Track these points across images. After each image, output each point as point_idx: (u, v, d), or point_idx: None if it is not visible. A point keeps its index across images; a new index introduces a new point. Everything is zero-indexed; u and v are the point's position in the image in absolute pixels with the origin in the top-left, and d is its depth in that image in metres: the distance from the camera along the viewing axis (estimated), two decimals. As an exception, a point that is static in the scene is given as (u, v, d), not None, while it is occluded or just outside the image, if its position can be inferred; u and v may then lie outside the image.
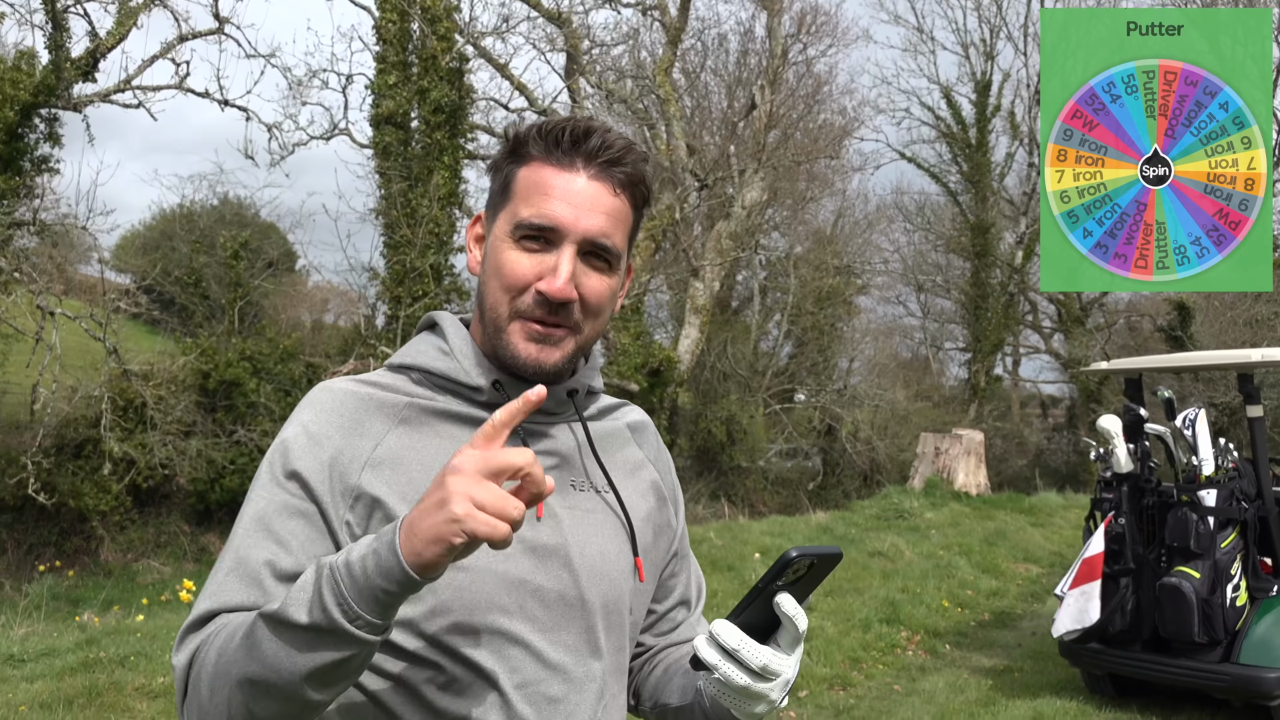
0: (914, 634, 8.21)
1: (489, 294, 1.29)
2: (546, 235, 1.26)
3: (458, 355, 1.32)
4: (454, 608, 1.19)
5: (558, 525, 1.28)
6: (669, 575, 1.49)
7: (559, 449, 1.33)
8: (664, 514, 1.46)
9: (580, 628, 1.27)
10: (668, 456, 1.53)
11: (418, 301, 15.94)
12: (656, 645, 1.49)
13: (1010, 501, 13.73)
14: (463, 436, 1.27)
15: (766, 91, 20.60)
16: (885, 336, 27.57)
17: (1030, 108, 29.23)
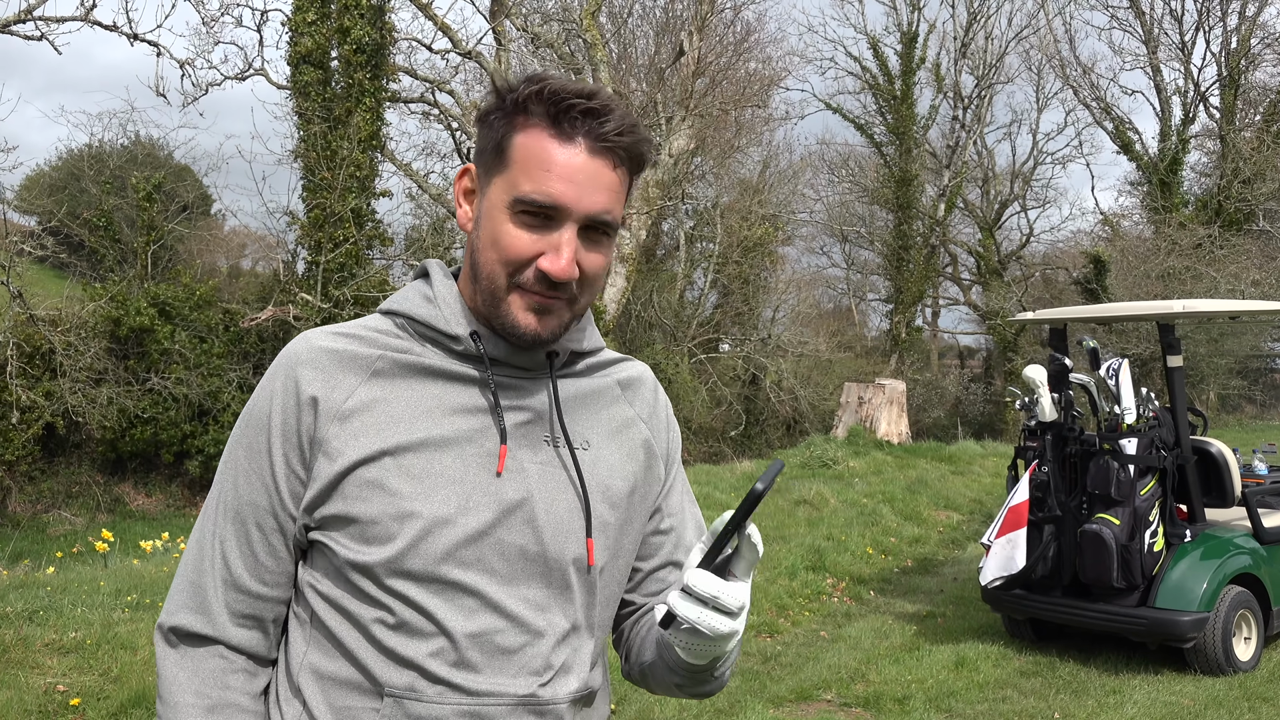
0: (839, 581, 8.30)
1: (485, 262, 1.27)
2: (547, 213, 1.24)
3: (440, 303, 1.33)
4: (409, 557, 1.22)
5: (523, 480, 1.28)
6: (653, 532, 1.46)
7: (533, 405, 1.33)
8: (653, 472, 1.44)
9: (542, 582, 1.28)
10: (666, 413, 1.50)
11: (339, 247, 15.56)
12: (647, 605, 1.47)
13: (931, 450, 13.96)
14: (435, 390, 1.29)
15: (695, 38, 20.40)
16: (809, 287, 27.76)
17: (956, 61, 29.44)
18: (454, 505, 1.24)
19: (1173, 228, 23.41)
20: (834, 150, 30.92)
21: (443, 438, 1.26)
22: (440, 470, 1.25)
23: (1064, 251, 28.66)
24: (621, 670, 1.49)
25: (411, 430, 1.25)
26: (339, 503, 1.23)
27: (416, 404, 1.27)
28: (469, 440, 1.27)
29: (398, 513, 1.22)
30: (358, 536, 1.23)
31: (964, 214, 30.44)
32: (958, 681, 6.02)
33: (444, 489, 1.24)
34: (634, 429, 1.43)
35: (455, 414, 1.28)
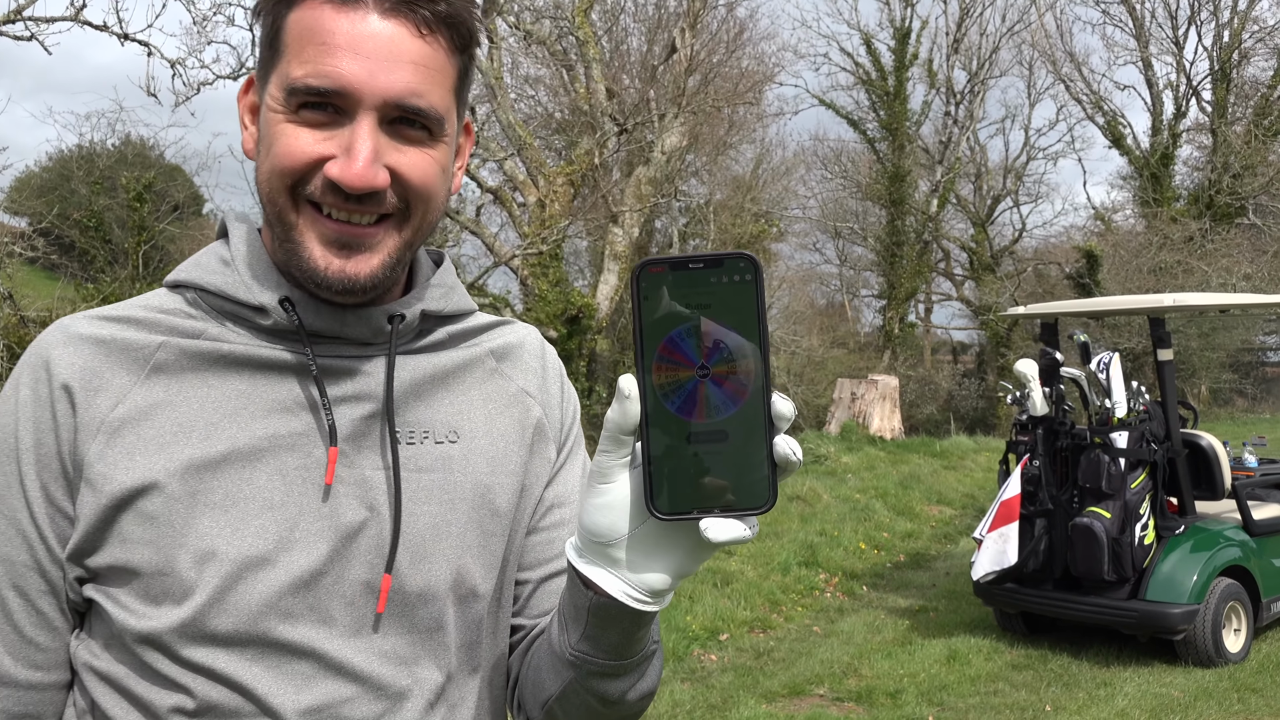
0: (832, 576, 8.32)
1: (262, 184, 0.96)
2: (334, 103, 0.93)
3: (238, 265, 0.99)
4: (213, 615, 0.90)
5: (367, 493, 0.97)
6: (540, 530, 1.11)
7: (375, 391, 0.99)
8: (542, 457, 1.11)
9: (403, 626, 0.97)
10: (560, 382, 1.17)
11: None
12: (535, 629, 1.10)
13: (923, 445, 13.99)
14: (238, 385, 0.96)
15: (687, 35, 20.38)
16: (802, 284, 27.78)
17: (948, 56, 29.47)
18: (272, 538, 0.92)
19: (1164, 222, 23.47)
20: (827, 146, 30.96)
21: (252, 448, 0.94)
22: (251, 493, 0.92)
23: (1056, 246, 28.72)
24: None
25: (209, 441, 0.93)
26: (114, 548, 0.91)
27: (214, 405, 0.94)
28: (289, 448, 0.95)
29: (194, 555, 0.90)
30: (141, 594, 0.91)
31: (957, 209, 30.47)
32: (950, 675, 6.03)
33: (257, 518, 0.92)
34: (519, 408, 1.10)
35: (269, 414, 0.95)
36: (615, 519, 0.84)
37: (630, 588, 0.86)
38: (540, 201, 19.18)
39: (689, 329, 0.79)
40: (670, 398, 0.79)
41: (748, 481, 0.79)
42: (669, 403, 0.79)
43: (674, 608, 6.89)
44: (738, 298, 0.79)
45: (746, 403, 0.79)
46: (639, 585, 0.86)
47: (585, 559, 0.87)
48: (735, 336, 0.78)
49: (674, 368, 0.79)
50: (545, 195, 19.13)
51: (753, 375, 0.79)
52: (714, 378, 0.79)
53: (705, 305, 0.78)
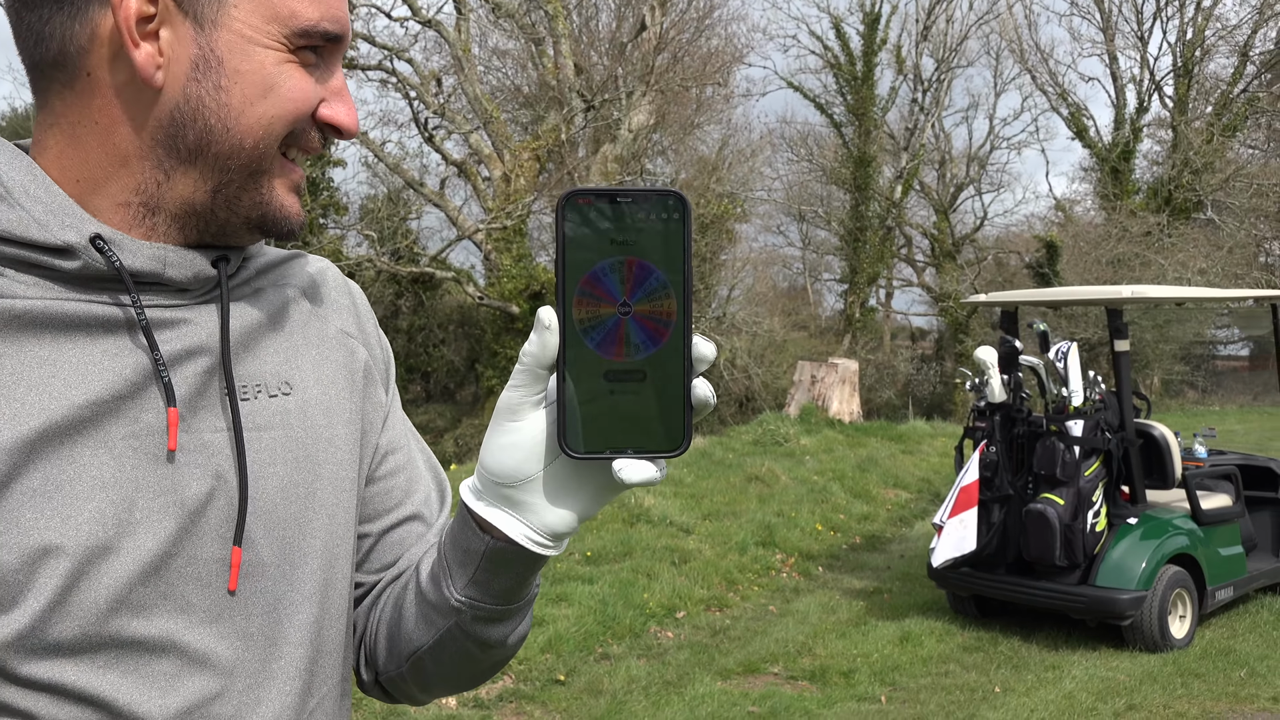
0: (788, 556, 8.39)
1: (240, 122, 0.83)
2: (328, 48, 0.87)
3: (20, 197, 0.81)
4: (55, 621, 0.77)
5: (209, 459, 0.85)
6: (379, 479, 1.03)
7: (206, 343, 0.87)
8: (373, 402, 1.02)
9: (263, 604, 0.87)
10: (371, 317, 1.07)
11: (292, 214, 15.43)
12: (378, 583, 1.03)
13: (881, 429, 14.11)
14: (36, 350, 0.79)
15: (657, 13, 20.31)
16: (765, 266, 27.88)
17: (917, 43, 29.58)
18: (111, 523, 0.79)
19: (1123, 215, 23.79)
20: (794, 129, 31.04)
21: (71, 420, 0.79)
22: (76, 473, 0.79)
23: (1017, 236, 29.03)
24: (361, 682, 1.06)
25: (16, 419, 0.77)
26: None
27: (12, 376, 0.78)
28: (113, 415, 0.81)
29: (24, 554, 0.76)
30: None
31: (920, 196, 30.69)
32: (902, 656, 6.12)
33: (89, 501, 0.79)
34: (343, 351, 1.00)
35: (83, 379, 0.80)
36: (522, 459, 0.82)
37: (533, 531, 0.84)
38: (505, 176, 19.08)
39: (614, 264, 0.76)
40: (590, 334, 0.77)
41: (663, 423, 0.78)
42: (588, 339, 0.77)
43: (631, 585, 6.92)
44: (665, 236, 0.77)
45: (667, 343, 0.77)
46: (541, 528, 0.84)
47: (485, 501, 0.85)
48: (660, 275, 0.77)
49: (595, 303, 0.77)
50: (511, 170, 19.03)
51: (675, 315, 0.77)
52: (635, 316, 0.77)
53: (632, 241, 0.76)
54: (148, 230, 0.85)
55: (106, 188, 0.84)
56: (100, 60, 0.82)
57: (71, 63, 0.82)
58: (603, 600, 6.55)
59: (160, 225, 0.86)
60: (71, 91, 0.83)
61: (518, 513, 0.84)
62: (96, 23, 0.81)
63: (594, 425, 0.77)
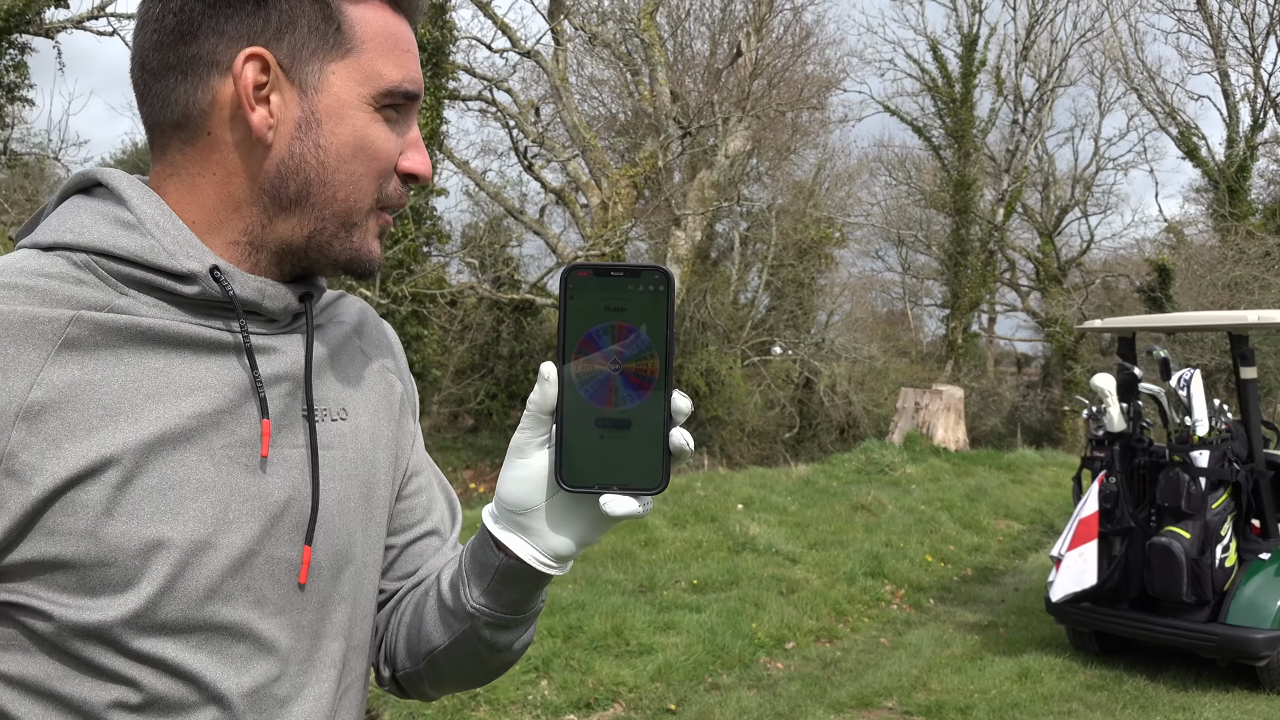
0: (898, 588, 8.23)
1: (344, 179, 0.96)
2: (408, 106, 1.00)
3: (154, 229, 0.92)
4: (164, 604, 0.87)
5: (287, 471, 0.97)
6: (404, 497, 1.16)
7: (290, 369, 0.98)
8: (405, 429, 1.15)
9: (316, 601, 0.99)
10: (402, 354, 1.20)
11: (398, 243, 15.72)
12: (399, 590, 1.16)
13: (989, 458, 13.80)
14: (156, 362, 0.90)
15: (752, 39, 20.33)
16: (864, 291, 27.58)
17: (1017, 63, 29.08)
18: (210, 521, 0.90)
19: (1240, 236, 22.94)
20: (891, 153, 30.71)
21: (181, 429, 0.89)
22: (185, 475, 0.89)
23: (1126, 259, 28.21)
24: (379, 678, 1.19)
25: (138, 424, 0.87)
26: (41, 542, 0.85)
27: (135, 385, 0.89)
28: (215, 427, 0.92)
29: (141, 544, 0.86)
30: (79, 587, 0.86)
31: (1023, 219, 30.07)
32: (1021, 693, 5.94)
33: (194, 500, 0.90)
34: (384, 384, 1.13)
35: (191, 392, 0.91)
36: (529, 491, 0.95)
37: (538, 553, 0.98)
38: (603, 203, 19.23)
39: (606, 328, 0.89)
40: (585, 386, 0.90)
41: (645, 465, 0.90)
42: (583, 390, 0.90)
43: (739, 614, 6.86)
44: (651, 305, 0.89)
45: (650, 396, 0.89)
46: (546, 551, 0.97)
47: (500, 525, 0.99)
48: (645, 338, 0.89)
49: (590, 360, 0.90)
50: (608, 197, 19.18)
51: (658, 373, 0.89)
52: (624, 372, 0.90)
53: (622, 309, 0.89)
54: (251, 265, 0.98)
55: (220, 229, 0.96)
56: (220, 121, 0.94)
57: (193, 123, 0.95)
58: (711, 629, 6.50)
59: (262, 261, 0.98)
60: (192, 148, 0.96)
61: (526, 536, 0.97)
62: (217, 90, 0.94)
63: (585, 464, 0.91)
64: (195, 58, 0.93)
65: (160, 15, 0.94)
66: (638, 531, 8.60)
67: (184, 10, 0.93)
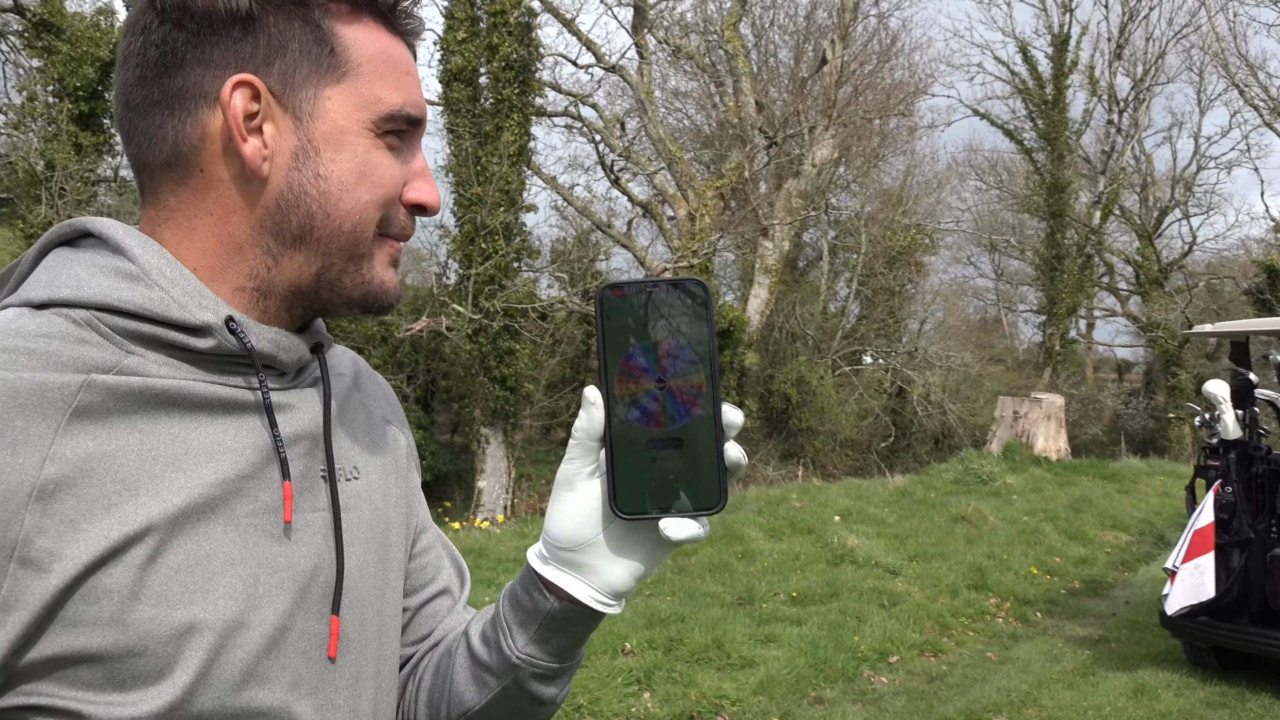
0: (1003, 601, 8.04)
1: (347, 210, 0.89)
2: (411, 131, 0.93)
3: (158, 279, 0.85)
4: (201, 693, 0.79)
5: (311, 537, 0.89)
6: (418, 554, 1.10)
7: (306, 425, 0.92)
8: (412, 486, 1.09)
9: (348, 677, 0.91)
10: (398, 404, 1.14)
11: (488, 259, 15.92)
12: (415, 654, 1.09)
13: (1093, 467, 13.43)
14: (169, 428, 0.82)
15: (837, 46, 20.18)
16: (956, 298, 27.13)
17: (1111, 62, 28.40)
18: (241, 598, 0.82)
19: (1353, 234, 22.05)
20: (981, 157, 30.21)
21: (205, 499, 0.82)
22: (211, 549, 0.81)
23: (1231, 260, 27.30)
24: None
25: (159, 496, 0.80)
26: (63, 635, 0.76)
27: (151, 454, 0.80)
28: (238, 494, 0.84)
29: (172, 628, 0.78)
30: (107, 682, 0.77)
31: (1121, 221, 29.29)
32: (1138, 710, 5.74)
33: (223, 576, 0.82)
34: (388, 437, 1.06)
35: (211, 458, 0.83)
36: (581, 525, 0.90)
37: (596, 591, 0.91)
38: (690, 215, 19.24)
39: (647, 345, 0.86)
40: (631, 408, 0.86)
41: (701, 484, 0.86)
42: (629, 412, 0.86)
43: (840, 627, 6.77)
44: (691, 318, 0.86)
45: (700, 412, 0.85)
46: (604, 588, 0.91)
47: (552, 565, 0.92)
48: (689, 352, 0.85)
49: (634, 380, 0.86)
50: (695, 209, 19.18)
51: (704, 387, 0.85)
52: (670, 390, 0.86)
53: (661, 325, 0.86)
54: (261, 313, 0.90)
55: (224, 275, 0.89)
56: (212, 156, 0.87)
57: (184, 161, 0.88)
58: (813, 642, 6.42)
59: (271, 308, 0.91)
60: (185, 188, 0.88)
61: (581, 575, 0.91)
62: (206, 123, 0.86)
63: (640, 489, 0.86)
64: (181, 90, 0.86)
65: (142, 49, 0.87)
66: (734, 544, 8.56)
67: (166, 41, 0.86)
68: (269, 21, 0.86)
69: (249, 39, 0.86)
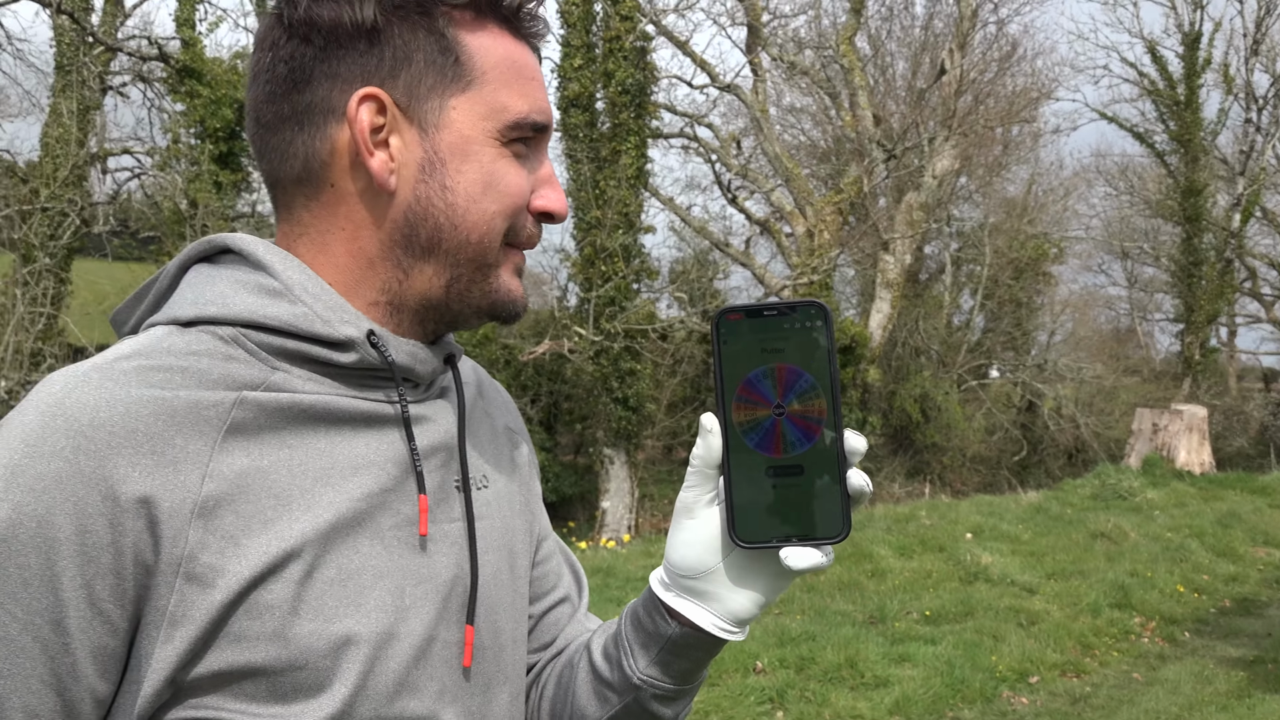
0: (1149, 620, 7.73)
1: (474, 220, 0.88)
2: (537, 139, 0.93)
3: (301, 295, 0.86)
4: (359, 704, 0.82)
5: (448, 547, 0.90)
6: (540, 562, 1.11)
7: (440, 436, 0.93)
8: (534, 494, 1.10)
9: (481, 684, 0.93)
10: (515, 407, 1.14)
11: (608, 282, 16.09)
12: (538, 663, 1.10)
13: (1240, 481, 12.81)
14: (315, 442, 0.84)
15: (956, 56, 19.84)
16: (1086, 308, 26.28)
17: (1247, 59, 27.25)
18: (390, 610, 0.84)
19: None
20: (1110, 162, 29.26)
21: (352, 513, 0.83)
22: (361, 563, 0.83)
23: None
24: None
25: (311, 511, 0.81)
26: (228, 650, 0.77)
27: (300, 469, 0.82)
28: (381, 507, 0.86)
29: (330, 642, 0.80)
30: (270, 695, 0.79)
31: (1263, 224, 27.98)
32: (1301, 735, 5.46)
33: (373, 589, 0.83)
34: (511, 446, 1.07)
35: (356, 472, 0.85)
36: (701, 553, 0.89)
37: (718, 619, 0.91)
38: (809, 231, 19.11)
39: (765, 371, 0.85)
40: (749, 435, 0.85)
41: (823, 512, 0.84)
42: (748, 439, 0.85)
43: (977, 646, 6.60)
44: (809, 341, 0.84)
45: (820, 439, 0.84)
46: (726, 616, 0.90)
47: (674, 592, 0.92)
48: (808, 377, 0.84)
49: (752, 407, 0.85)
50: (813, 225, 19.04)
51: (825, 413, 0.84)
52: (789, 416, 0.85)
53: (779, 349, 0.85)
54: (395, 326, 0.91)
55: (358, 289, 0.89)
56: (341, 171, 0.88)
57: (315, 176, 0.89)
58: (948, 661, 6.28)
59: (405, 321, 0.91)
60: (317, 203, 0.89)
61: (703, 602, 0.91)
62: (335, 138, 0.87)
63: (760, 517, 0.85)
64: (310, 105, 0.87)
65: (271, 65, 0.88)
66: (864, 562, 8.43)
67: (294, 57, 0.87)
68: (394, 33, 0.86)
69: (374, 51, 0.86)
